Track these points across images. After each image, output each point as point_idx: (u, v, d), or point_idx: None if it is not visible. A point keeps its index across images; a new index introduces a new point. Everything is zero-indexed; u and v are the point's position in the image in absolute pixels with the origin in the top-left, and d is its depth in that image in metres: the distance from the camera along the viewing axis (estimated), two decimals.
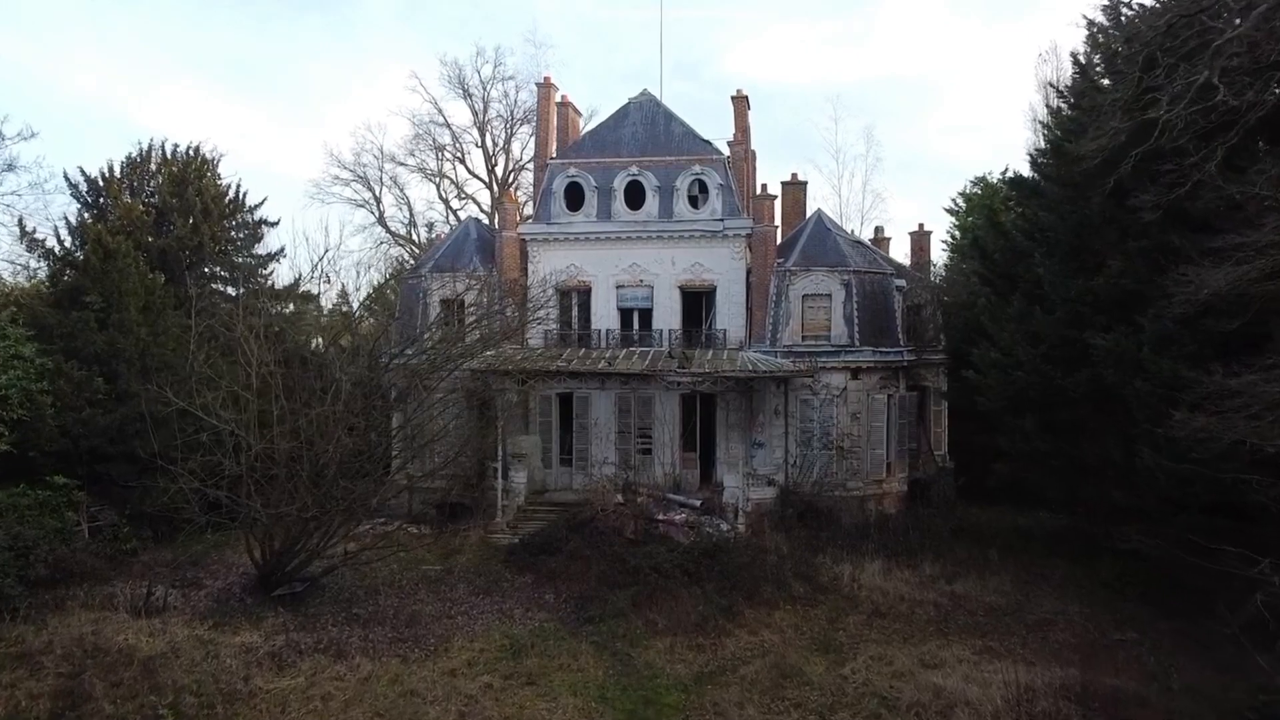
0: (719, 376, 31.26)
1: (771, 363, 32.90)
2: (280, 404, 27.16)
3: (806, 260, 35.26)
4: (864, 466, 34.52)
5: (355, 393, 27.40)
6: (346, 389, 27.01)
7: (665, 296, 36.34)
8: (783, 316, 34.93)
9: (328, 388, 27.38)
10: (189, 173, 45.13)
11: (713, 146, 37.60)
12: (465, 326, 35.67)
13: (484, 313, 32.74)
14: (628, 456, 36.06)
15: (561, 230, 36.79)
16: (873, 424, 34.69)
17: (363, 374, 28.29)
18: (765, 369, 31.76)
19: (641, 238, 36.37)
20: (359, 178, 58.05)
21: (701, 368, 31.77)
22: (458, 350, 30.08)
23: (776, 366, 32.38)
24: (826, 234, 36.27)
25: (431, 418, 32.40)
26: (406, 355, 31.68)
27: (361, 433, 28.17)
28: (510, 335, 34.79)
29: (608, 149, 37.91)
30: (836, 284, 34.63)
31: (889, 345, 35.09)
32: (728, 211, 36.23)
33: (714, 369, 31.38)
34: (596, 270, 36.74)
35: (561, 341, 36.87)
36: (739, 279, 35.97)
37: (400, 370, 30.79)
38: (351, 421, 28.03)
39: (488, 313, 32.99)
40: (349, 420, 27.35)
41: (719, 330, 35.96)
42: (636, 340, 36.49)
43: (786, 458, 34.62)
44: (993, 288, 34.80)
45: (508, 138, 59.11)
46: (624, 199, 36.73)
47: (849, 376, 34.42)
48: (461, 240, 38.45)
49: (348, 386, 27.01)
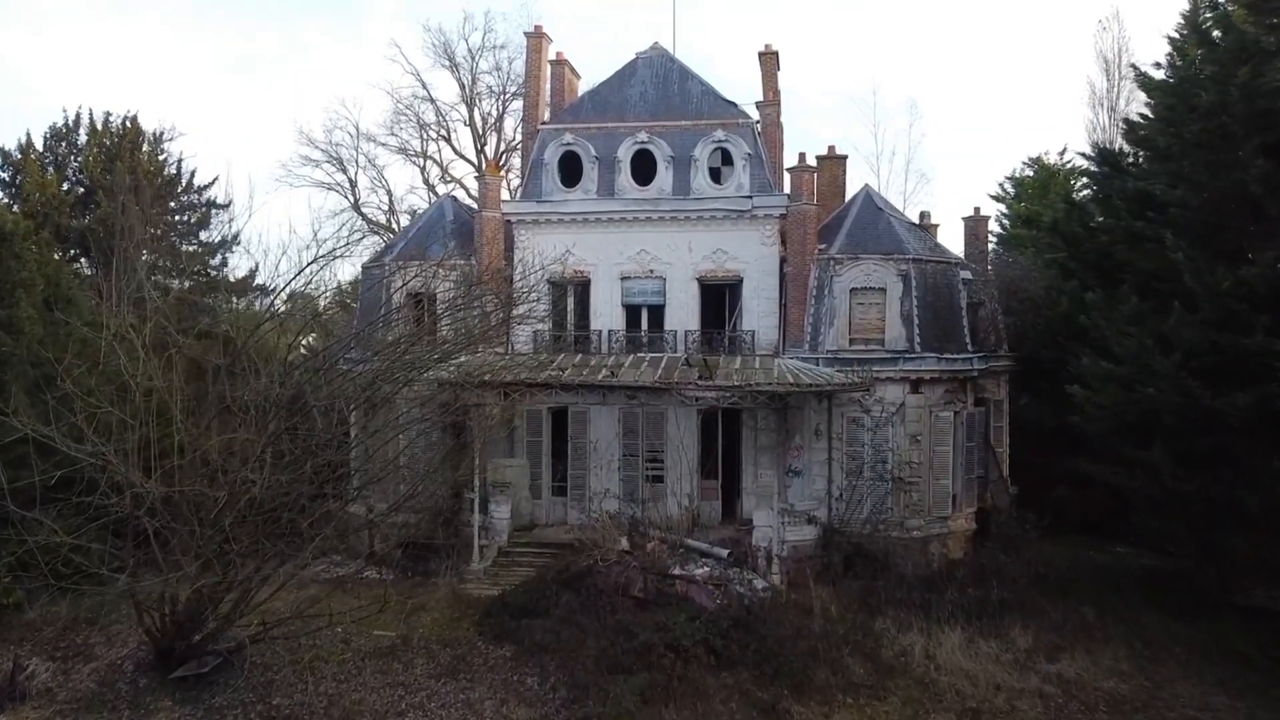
0: (751, 391, 24.72)
1: (815, 374, 26.31)
2: (185, 428, 20.79)
3: (854, 246, 28.72)
4: (926, 500, 27.97)
5: (282, 412, 20.93)
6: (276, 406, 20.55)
7: (680, 290, 29.83)
8: (825, 315, 28.38)
9: (256, 404, 20.91)
10: (123, 146, 38.73)
11: (738, 108, 31.08)
12: (433, 326, 29.23)
13: (457, 308, 26.20)
14: (634, 486, 29.60)
15: (554, 209, 30.29)
16: (936, 448, 28.14)
17: (300, 386, 21.82)
18: (808, 381, 25.21)
19: (652, 219, 29.85)
20: (331, 158, 51.56)
21: (729, 380, 25.22)
22: (420, 355, 23.59)
23: (822, 379, 25.78)
24: (878, 215, 29.72)
25: (391, 439, 26.05)
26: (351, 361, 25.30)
27: (296, 462, 21.67)
28: (490, 337, 28.29)
29: (611, 112, 31.39)
30: (892, 275, 28.08)
31: (955, 351, 28.54)
32: (757, 186, 29.71)
33: (744, 382, 24.82)
34: (597, 258, 30.24)
35: (554, 345, 30.35)
36: (771, 269, 29.45)
37: (353, 381, 24.37)
38: (282, 448, 21.65)
39: (461, 307, 26.46)
40: (278, 446, 20.94)
41: (746, 332, 29.43)
42: (645, 344, 29.95)
43: (830, 489, 28.09)
44: (1081, 281, 28.30)
45: (499, 114, 52.60)
46: (630, 172, 30.23)
47: (908, 390, 27.87)
48: (434, 222, 31.93)
49: (276, 403, 20.54)
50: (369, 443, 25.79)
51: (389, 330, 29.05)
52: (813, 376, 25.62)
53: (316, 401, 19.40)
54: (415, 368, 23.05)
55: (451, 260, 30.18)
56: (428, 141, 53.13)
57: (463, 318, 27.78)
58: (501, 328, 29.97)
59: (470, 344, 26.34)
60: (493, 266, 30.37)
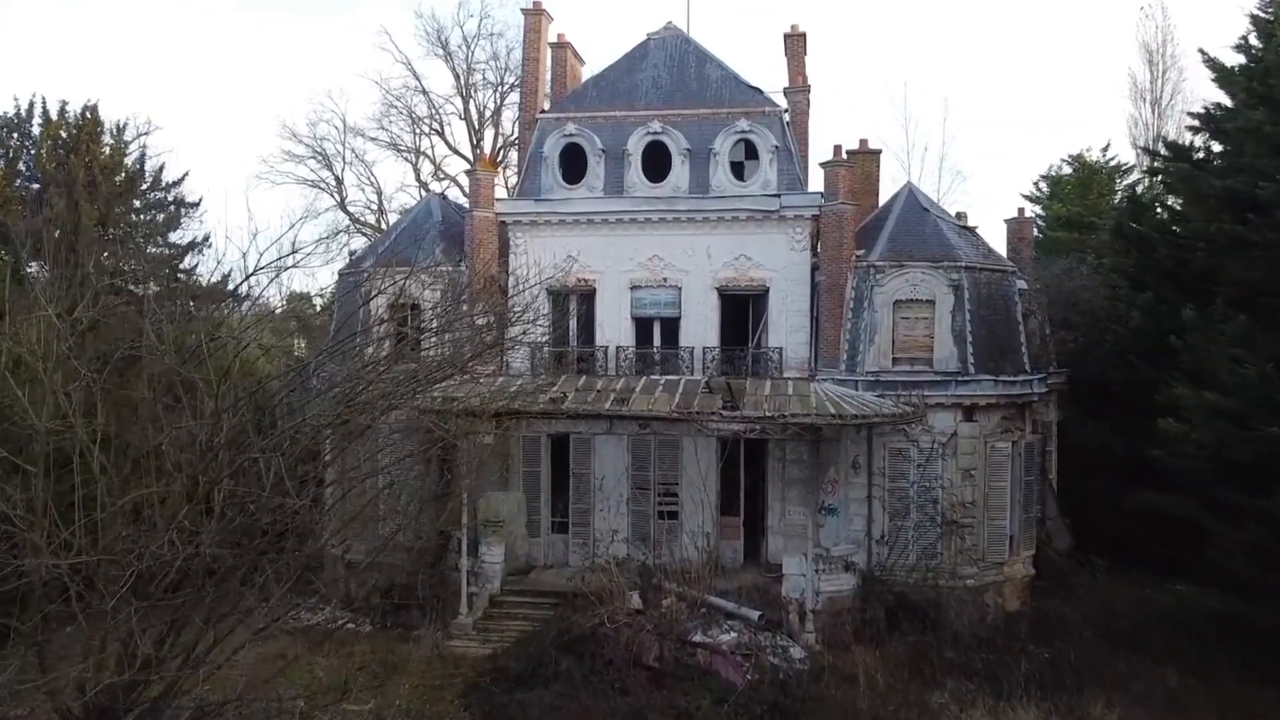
0: (788, 423, 21.13)
1: (858, 401, 22.67)
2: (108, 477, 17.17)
3: (898, 252, 25.12)
4: (980, 544, 24.41)
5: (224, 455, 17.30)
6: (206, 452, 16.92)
7: (698, 301, 26.24)
8: (865, 331, 24.78)
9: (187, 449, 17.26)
10: (81, 139, 35.15)
11: (763, 95, 27.48)
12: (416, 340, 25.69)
13: (441, 323, 22.63)
14: (645, 523, 26.05)
15: (555, 209, 26.71)
16: (992, 483, 24.57)
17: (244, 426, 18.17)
18: (852, 412, 21.57)
19: (666, 220, 26.26)
20: (316, 153, 47.93)
21: (758, 409, 21.63)
22: (395, 385, 19.98)
23: (868, 408, 22.12)
24: (924, 216, 26.11)
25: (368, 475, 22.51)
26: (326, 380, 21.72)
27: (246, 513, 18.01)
28: (481, 356, 24.66)
29: (620, 98, 27.81)
30: (942, 286, 24.48)
31: (1012, 371, 24.96)
32: (786, 184, 26.12)
33: (777, 412, 21.22)
34: (603, 264, 26.66)
35: (554, 363, 26.75)
36: (801, 278, 25.87)
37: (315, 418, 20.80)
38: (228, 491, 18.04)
39: (448, 323, 22.88)
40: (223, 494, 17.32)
41: (772, 349, 25.84)
42: (658, 362, 26.37)
43: (870, 529, 24.52)
44: (1157, 292, 24.73)
45: (497, 107, 48.92)
46: (641, 167, 26.65)
47: (960, 417, 24.30)
48: (419, 223, 28.33)
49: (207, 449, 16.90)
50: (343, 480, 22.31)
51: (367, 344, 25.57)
52: (856, 405, 21.99)
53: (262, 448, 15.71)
54: (391, 398, 19.40)
55: (438, 266, 26.62)
56: (420, 136, 49.54)
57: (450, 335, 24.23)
58: (494, 345, 26.42)
59: (458, 366, 22.73)
60: (485, 274, 26.77)
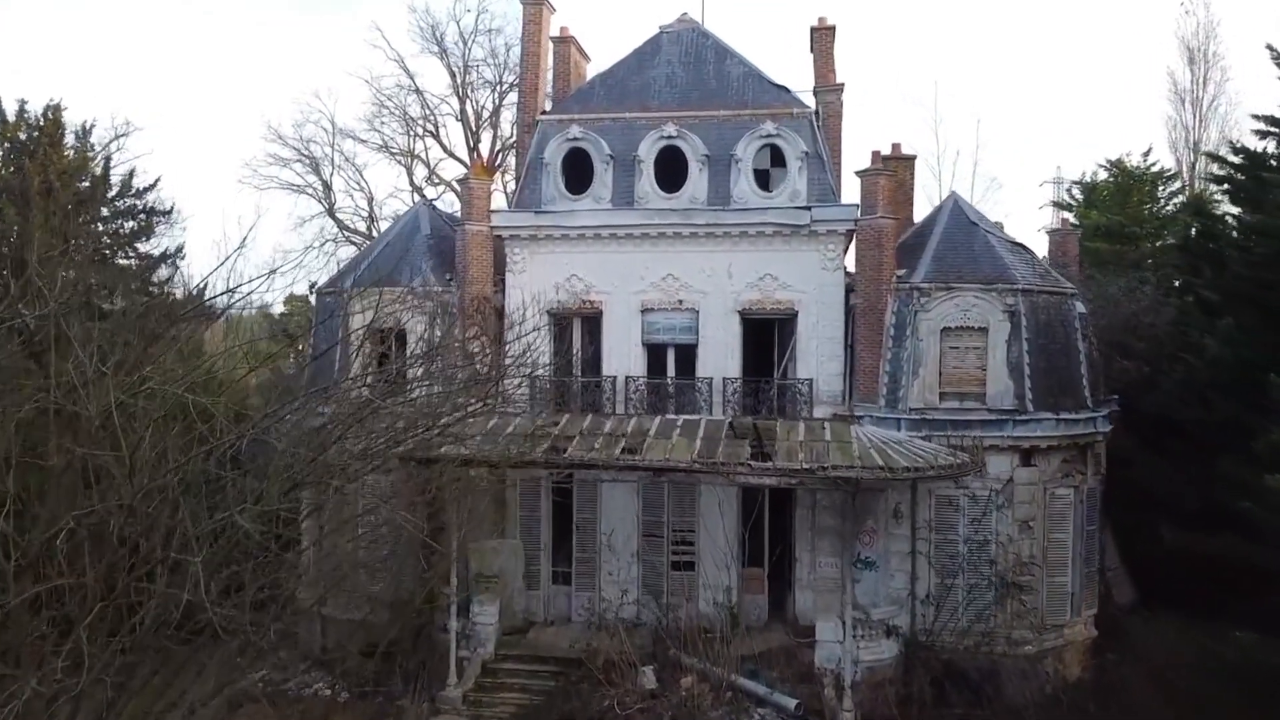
0: (830, 477, 18.21)
1: (908, 449, 19.64)
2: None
3: (945, 272, 22.19)
4: (1039, 605, 21.51)
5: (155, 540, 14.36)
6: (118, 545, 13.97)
7: (718, 327, 23.35)
8: (908, 362, 21.87)
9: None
10: (40, 141, 32.33)
11: (791, 94, 24.58)
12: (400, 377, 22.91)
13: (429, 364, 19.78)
14: (657, 575, 23.25)
15: (557, 222, 23.82)
16: (1053, 536, 21.67)
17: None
18: (904, 464, 18.59)
19: (682, 235, 23.38)
20: (303, 156, 45.02)
21: (792, 458, 18.70)
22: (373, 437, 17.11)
23: (922, 458, 19.05)
24: (972, 231, 23.18)
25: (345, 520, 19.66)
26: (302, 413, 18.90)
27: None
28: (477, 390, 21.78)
29: (629, 98, 24.91)
30: (997, 312, 21.57)
31: (1074, 407, 22.05)
32: (817, 194, 23.24)
33: (815, 462, 18.29)
34: (611, 284, 23.78)
35: (557, 397, 23.87)
36: (834, 301, 22.99)
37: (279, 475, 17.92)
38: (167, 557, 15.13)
39: (434, 359, 20.04)
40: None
41: (801, 381, 22.95)
42: (672, 394, 23.49)
43: (913, 587, 21.60)
44: (1237, 319, 21.78)
45: (495, 107, 46.01)
46: (655, 175, 23.76)
47: (1017, 461, 21.39)
48: (405, 237, 25.39)
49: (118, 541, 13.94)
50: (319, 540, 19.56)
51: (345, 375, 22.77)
52: (906, 454, 19.00)
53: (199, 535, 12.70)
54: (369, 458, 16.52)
55: (426, 287, 23.74)
56: (413, 138, 46.63)
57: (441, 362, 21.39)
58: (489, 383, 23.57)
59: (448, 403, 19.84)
60: (478, 295, 23.92)
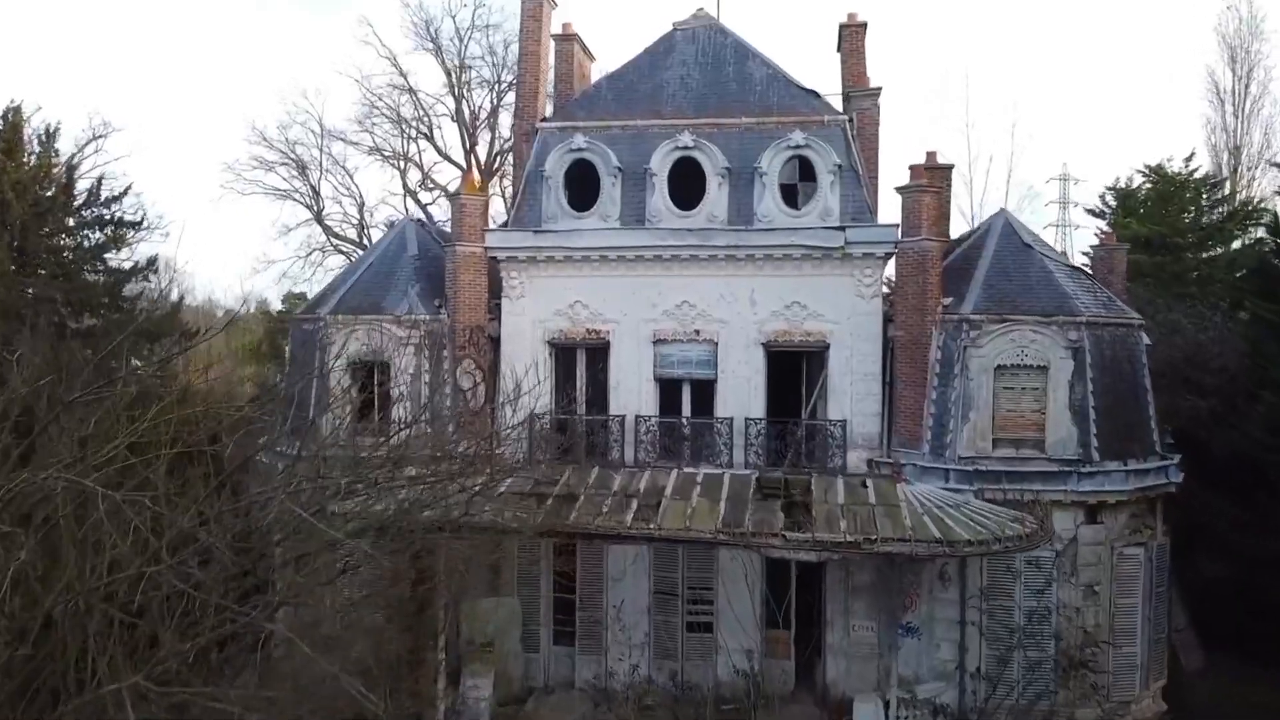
0: (879, 552, 15.67)
1: (969, 514, 17.03)
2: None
3: (998, 302, 19.64)
4: (1104, 678, 18.98)
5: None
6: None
7: (739, 360, 20.82)
8: (956, 404, 19.32)
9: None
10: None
11: (822, 100, 22.03)
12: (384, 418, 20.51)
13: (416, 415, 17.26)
14: (670, 635, 20.82)
15: (559, 243, 21.27)
16: (1120, 602, 19.15)
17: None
18: (965, 538, 15.98)
19: (699, 258, 20.84)
20: (289, 159, 42.47)
21: (831, 525, 16.13)
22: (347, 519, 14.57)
23: (989, 529, 16.35)
24: (1027, 255, 20.61)
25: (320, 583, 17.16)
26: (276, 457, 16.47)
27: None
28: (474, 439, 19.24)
29: (640, 103, 22.35)
30: (1058, 348, 19.02)
31: (1142, 455, 19.51)
32: (851, 212, 20.68)
33: (861, 534, 15.73)
34: (620, 312, 21.26)
35: (557, 438, 21.33)
36: (871, 333, 20.44)
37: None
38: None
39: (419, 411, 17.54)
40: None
41: (833, 424, 20.40)
42: (688, 436, 20.96)
43: (962, 659, 19.06)
44: None
45: (493, 107, 43.44)
46: (668, 190, 21.22)
47: (1081, 519, 18.86)
48: (390, 258, 22.80)
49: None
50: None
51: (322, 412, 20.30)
52: (969, 522, 16.38)
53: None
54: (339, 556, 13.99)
55: (413, 315, 21.20)
56: (407, 140, 44.07)
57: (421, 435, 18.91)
58: (482, 416, 21.13)
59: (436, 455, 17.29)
60: (471, 323, 21.39)
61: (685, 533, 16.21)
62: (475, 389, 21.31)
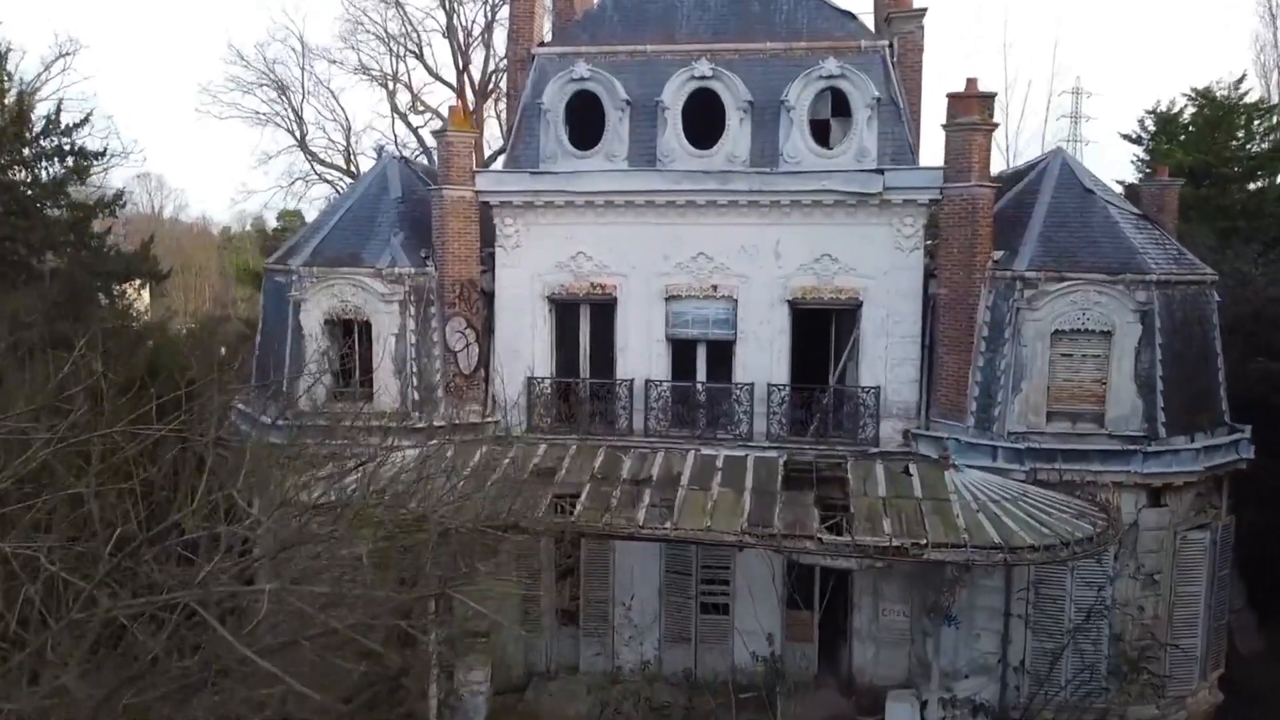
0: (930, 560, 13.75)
1: (1029, 511, 14.99)
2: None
3: (1057, 257, 17.35)
4: (1160, 670, 17.29)
5: None
6: None
7: (762, 319, 18.65)
8: (1007, 372, 17.21)
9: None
10: None
11: (858, 23, 19.44)
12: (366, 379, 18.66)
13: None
14: (683, 616, 19.20)
15: (560, 187, 18.88)
16: (1181, 590, 17.36)
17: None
18: (1028, 540, 14.00)
19: (718, 204, 18.50)
20: (268, 79, 39.59)
21: (871, 523, 14.16)
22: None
23: (1057, 532, 14.31)
24: (1088, 201, 18.23)
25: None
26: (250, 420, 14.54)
27: None
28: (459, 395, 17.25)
29: (650, 26, 19.71)
30: (1125, 312, 16.82)
31: (1209, 427, 17.53)
32: (891, 153, 18.26)
33: (908, 538, 13.77)
34: (628, 264, 19.03)
35: (560, 404, 19.31)
36: (910, 289, 18.23)
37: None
38: None
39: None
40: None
41: (864, 390, 18.34)
42: (703, 403, 18.94)
43: (1005, 651, 17.33)
44: None
45: (487, 22, 40.29)
46: (683, 127, 18.74)
47: (1142, 501, 16.92)
48: (370, 201, 20.37)
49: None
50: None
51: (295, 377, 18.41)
52: (1030, 520, 14.37)
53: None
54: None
55: (395, 269, 18.94)
56: (395, 59, 41.07)
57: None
58: (475, 381, 19.07)
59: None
60: (462, 277, 19.16)
61: (706, 534, 14.24)
62: (467, 350, 19.19)
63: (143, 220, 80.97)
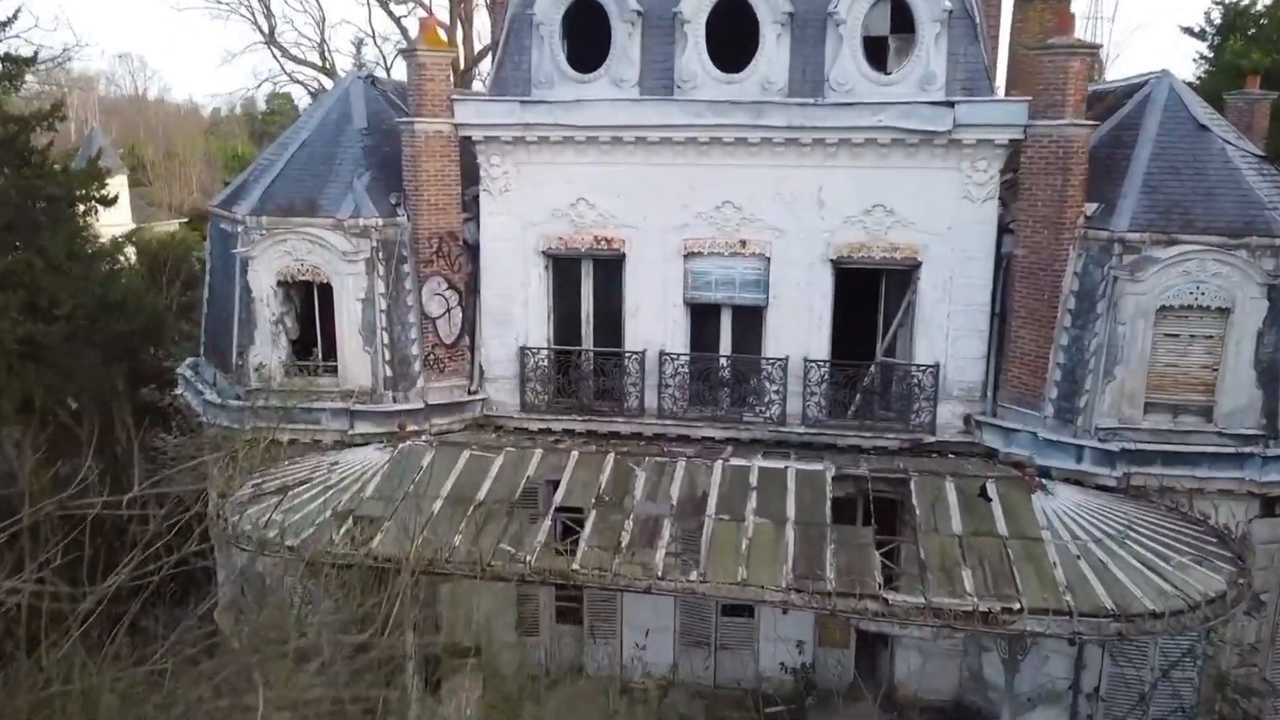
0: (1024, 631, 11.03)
1: (1137, 553, 12.08)
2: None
3: (1166, 215, 14.15)
4: (1261, 709, 14.87)
5: None
6: None
7: (799, 282, 15.58)
8: (1099, 354, 14.22)
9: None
10: None
11: None
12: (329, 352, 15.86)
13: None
14: (702, 620, 16.80)
15: (557, 119, 15.52)
16: None
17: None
18: (1149, 604, 11.16)
19: (748, 142, 15.18)
20: None
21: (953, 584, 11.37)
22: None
23: (1180, 590, 11.43)
24: (1204, 141, 14.88)
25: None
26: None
27: None
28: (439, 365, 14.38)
29: None
30: (1250, 285, 13.72)
31: None
32: (963, 80, 14.84)
33: (992, 599, 11.00)
34: (638, 214, 15.84)
35: (559, 379, 16.41)
36: (981, 249, 15.09)
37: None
38: None
39: None
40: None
41: (920, 368, 15.40)
42: (727, 380, 16.05)
43: (1077, 677, 14.88)
44: None
45: None
46: (706, 45, 15.26)
47: (1255, 511, 14.18)
48: (330, 133, 16.93)
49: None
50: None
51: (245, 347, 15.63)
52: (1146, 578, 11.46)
53: None
54: None
55: (358, 219, 15.77)
56: None
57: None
58: (458, 351, 16.16)
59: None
60: (440, 229, 16.01)
61: (742, 590, 11.46)
62: (447, 316, 16.20)
63: (125, 102, 76.50)
